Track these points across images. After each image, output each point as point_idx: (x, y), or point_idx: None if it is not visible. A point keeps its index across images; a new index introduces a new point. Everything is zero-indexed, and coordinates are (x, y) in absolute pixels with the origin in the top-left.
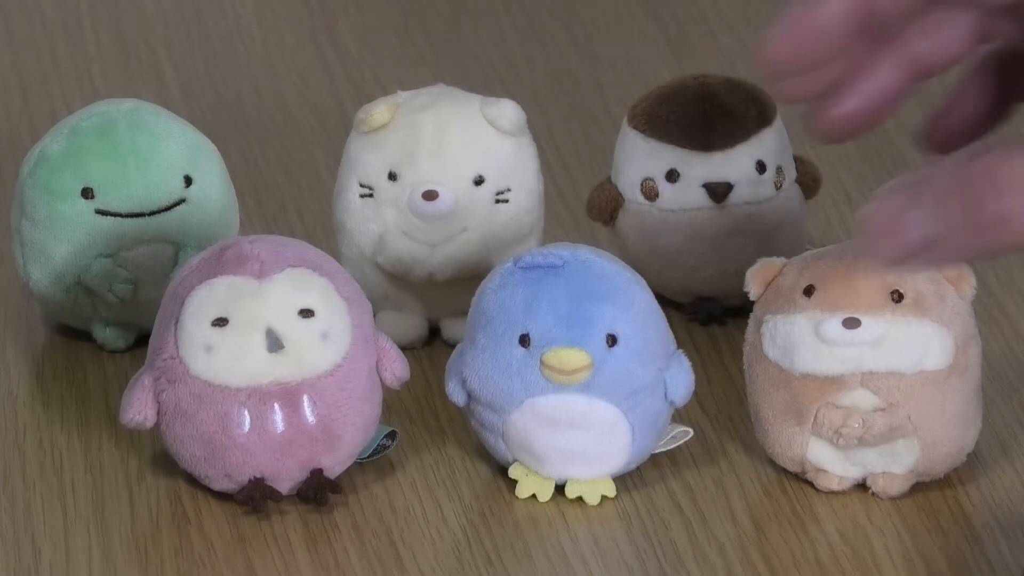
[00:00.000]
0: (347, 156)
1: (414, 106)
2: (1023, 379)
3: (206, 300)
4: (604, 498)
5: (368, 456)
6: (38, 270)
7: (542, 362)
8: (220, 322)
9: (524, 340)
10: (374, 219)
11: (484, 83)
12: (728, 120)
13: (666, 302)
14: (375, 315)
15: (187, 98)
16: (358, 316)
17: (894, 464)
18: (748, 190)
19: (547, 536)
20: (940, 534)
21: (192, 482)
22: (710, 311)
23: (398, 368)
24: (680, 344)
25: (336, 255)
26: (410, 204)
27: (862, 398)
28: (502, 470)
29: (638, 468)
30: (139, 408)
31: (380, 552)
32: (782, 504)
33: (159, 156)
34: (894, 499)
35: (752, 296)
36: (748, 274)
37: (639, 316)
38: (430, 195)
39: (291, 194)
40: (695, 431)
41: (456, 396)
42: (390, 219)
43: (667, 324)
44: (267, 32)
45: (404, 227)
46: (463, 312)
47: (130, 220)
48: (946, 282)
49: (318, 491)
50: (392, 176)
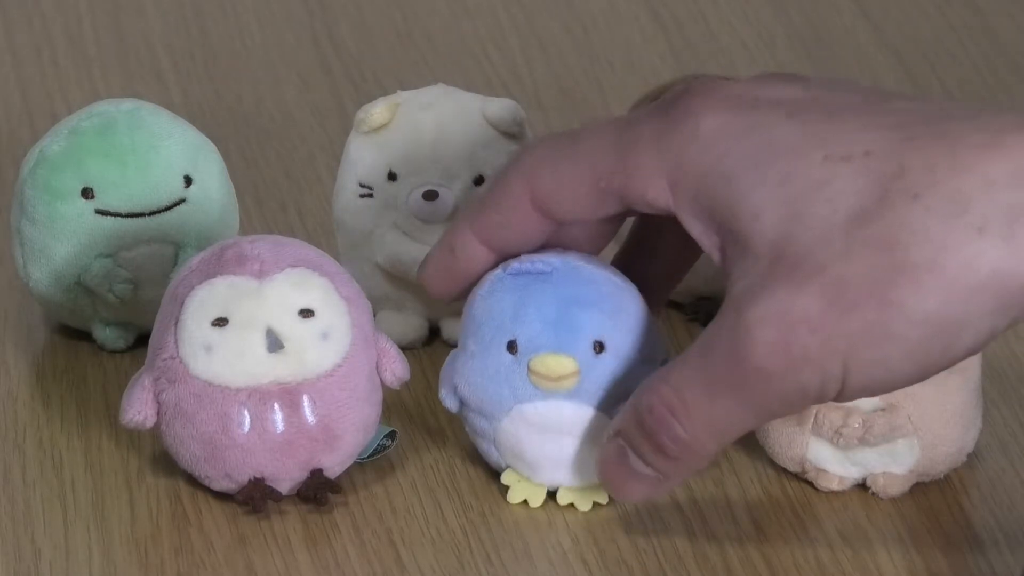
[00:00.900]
0: (347, 156)
1: (414, 106)
2: (1023, 379)
3: (206, 300)
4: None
5: (368, 456)
6: (38, 270)
7: (529, 368)
8: (220, 322)
9: (512, 346)
10: (374, 219)
11: (484, 83)
12: None
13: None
14: (375, 315)
15: (187, 98)
16: (358, 316)
17: (894, 464)
18: None
19: (547, 536)
20: (940, 534)
21: (192, 482)
22: (710, 311)
23: (398, 368)
24: (680, 344)
25: (336, 255)
26: (410, 204)
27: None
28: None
29: None
30: (139, 408)
31: (380, 552)
32: (782, 504)
33: (159, 156)
34: (894, 499)
35: None
36: None
37: (628, 323)
38: (430, 195)
39: (291, 194)
40: None
41: (449, 402)
42: (390, 219)
43: (659, 331)
44: (267, 32)
45: (404, 227)
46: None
47: (130, 220)
48: None
49: (318, 491)
50: (392, 176)
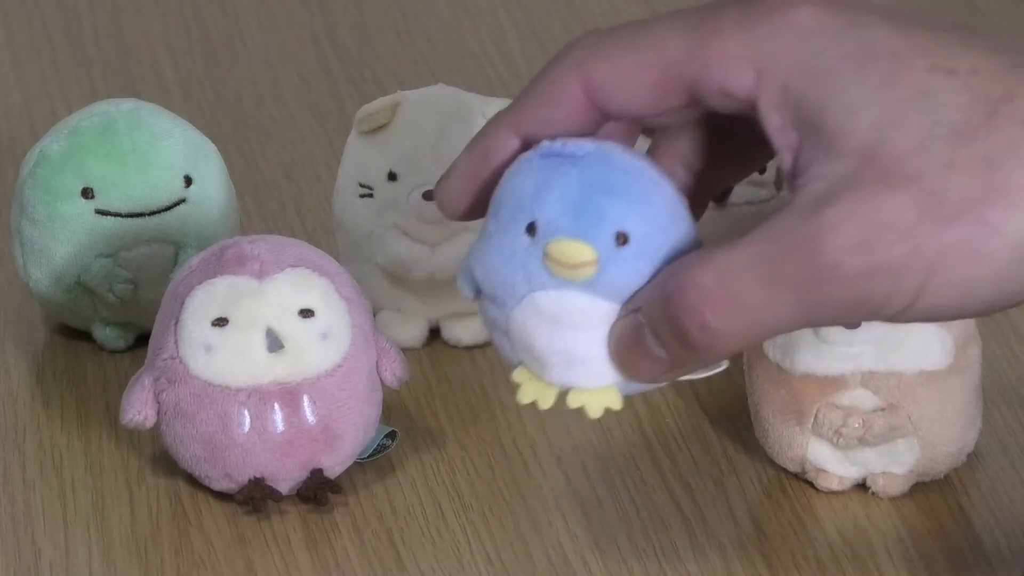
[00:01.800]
0: (347, 156)
1: (414, 106)
2: (1023, 379)
3: (206, 300)
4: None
5: (368, 456)
6: (38, 270)
7: (545, 253)
8: (220, 322)
9: (531, 228)
10: (374, 219)
11: (484, 83)
12: None
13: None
14: (375, 315)
15: (187, 98)
16: (358, 316)
17: (894, 464)
18: (748, 190)
19: (547, 536)
20: (940, 534)
21: (192, 482)
22: None
23: (398, 368)
24: None
25: (336, 255)
26: (410, 204)
27: (862, 398)
28: (501, 471)
29: (637, 467)
30: (139, 408)
31: (380, 552)
32: (782, 504)
33: (159, 156)
34: (894, 499)
35: None
36: None
37: (657, 217)
38: (430, 195)
39: (291, 194)
40: (695, 431)
41: (465, 289)
42: (390, 219)
43: (694, 233)
44: (267, 32)
45: (404, 227)
46: (463, 312)
47: (130, 220)
48: None
49: (318, 491)
50: (392, 176)
